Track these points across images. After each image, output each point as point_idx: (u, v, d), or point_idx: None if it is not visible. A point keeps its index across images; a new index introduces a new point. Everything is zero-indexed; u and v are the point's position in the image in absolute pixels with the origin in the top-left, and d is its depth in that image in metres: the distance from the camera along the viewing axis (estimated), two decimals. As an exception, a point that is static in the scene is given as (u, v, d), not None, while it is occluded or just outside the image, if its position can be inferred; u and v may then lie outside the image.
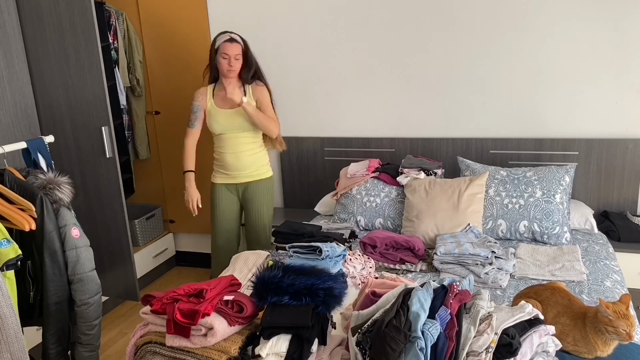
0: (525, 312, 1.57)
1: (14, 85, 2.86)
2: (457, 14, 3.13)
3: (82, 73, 2.89)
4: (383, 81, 3.36)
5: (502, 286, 2.24)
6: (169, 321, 1.64)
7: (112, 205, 3.04)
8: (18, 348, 1.77)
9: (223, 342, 1.63)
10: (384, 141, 3.41)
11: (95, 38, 2.81)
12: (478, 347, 1.44)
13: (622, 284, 2.25)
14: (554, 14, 2.97)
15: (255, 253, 2.53)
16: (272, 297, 1.63)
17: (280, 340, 1.57)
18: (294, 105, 3.60)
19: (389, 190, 3.02)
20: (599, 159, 3.02)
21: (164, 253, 4.00)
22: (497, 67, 3.13)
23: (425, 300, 1.49)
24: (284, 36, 3.50)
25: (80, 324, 2.11)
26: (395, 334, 1.40)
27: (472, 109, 3.23)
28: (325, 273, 1.71)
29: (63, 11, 2.82)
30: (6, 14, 2.81)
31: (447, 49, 3.19)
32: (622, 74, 2.94)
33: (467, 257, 2.34)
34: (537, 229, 2.68)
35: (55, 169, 2.30)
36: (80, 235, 2.10)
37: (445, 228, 2.68)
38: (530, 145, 3.12)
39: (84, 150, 3.01)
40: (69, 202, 2.11)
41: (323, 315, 1.64)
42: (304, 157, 3.60)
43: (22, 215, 1.91)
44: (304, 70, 3.52)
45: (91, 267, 2.12)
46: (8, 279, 1.84)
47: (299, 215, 3.43)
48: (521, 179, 2.80)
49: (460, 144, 3.25)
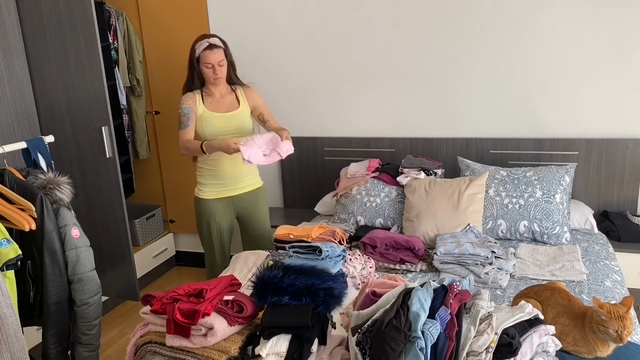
0: (525, 312, 1.57)
1: (14, 85, 2.86)
2: (457, 14, 3.13)
3: (82, 73, 2.89)
4: (383, 81, 3.36)
5: (502, 286, 2.24)
6: (169, 321, 1.64)
7: (112, 205, 3.04)
8: (18, 348, 1.77)
9: (223, 342, 1.63)
10: (384, 141, 3.41)
11: (95, 38, 2.81)
12: (478, 347, 1.44)
13: (622, 284, 2.25)
14: (554, 14, 2.97)
15: (255, 253, 2.53)
16: (272, 297, 1.62)
17: (280, 340, 1.57)
18: (294, 105, 3.60)
19: (389, 190, 3.02)
20: (599, 159, 3.02)
21: (164, 253, 4.00)
22: (497, 67, 3.13)
23: (425, 300, 1.49)
24: (284, 36, 3.50)
25: (80, 324, 2.11)
26: (395, 334, 1.40)
27: (472, 109, 3.23)
28: (326, 273, 1.71)
29: (63, 11, 2.82)
30: (6, 14, 2.81)
31: (447, 49, 3.19)
32: (622, 74, 2.94)
33: (467, 257, 2.34)
34: (537, 229, 2.68)
35: (55, 169, 2.30)
36: (80, 235, 2.10)
37: (445, 228, 2.68)
38: (530, 145, 3.12)
39: (84, 150, 3.01)
40: (69, 202, 2.11)
41: (323, 315, 1.64)
42: (304, 157, 3.60)
43: (22, 215, 1.91)
44: (304, 70, 3.52)
45: (91, 267, 2.12)
46: (8, 279, 1.84)
47: (299, 216, 3.43)
48: (521, 179, 2.80)
49: (460, 144, 3.25)
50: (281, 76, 3.58)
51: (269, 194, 3.81)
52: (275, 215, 3.60)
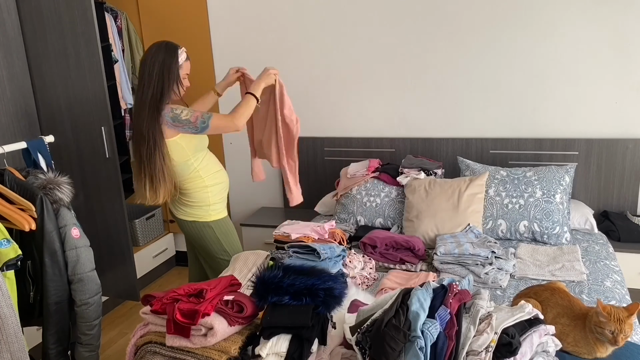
0: (525, 311, 1.57)
1: (14, 85, 2.86)
2: (457, 14, 3.13)
3: (82, 73, 2.89)
4: (383, 81, 3.37)
5: (502, 286, 2.24)
6: (169, 321, 1.64)
7: (112, 205, 3.04)
8: (18, 348, 1.77)
9: (223, 342, 1.63)
10: (384, 141, 3.41)
11: (95, 38, 2.81)
12: (478, 347, 1.44)
13: (622, 284, 2.25)
14: (554, 14, 2.97)
15: (255, 253, 2.52)
16: (272, 297, 1.62)
17: (280, 340, 1.57)
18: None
19: (389, 190, 3.02)
20: (599, 159, 3.02)
21: (164, 253, 4.00)
22: (497, 67, 3.13)
23: (424, 300, 1.49)
24: (284, 36, 3.50)
25: (80, 324, 2.11)
26: (394, 334, 1.40)
27: (472, 109, 3.23)
28: (326, 273, 1.71)
29: (63, 11, 2.82)
30: (6, 14, 2.81)
31: (448, 49, 3.19)
32: (622, 74, 2.94)
33: (467, 257, 2.34)
34: (537, 229, 2.68)
35: (55, 169, 2.30)
36: (80, 235, 2.10)
37: (445, 228, 2.68)
38: (530, 145, 3.12)
39: (84, 150, 3.01)
40: (69, 202, 2.11)
41: (323, 315, 1.64)
42: (304, 157, 3.60)
43: (22, 215, 1.91)
44: (304, 70, 3.52)
45: (91, 267, 2.12)
46: (8, 279, 1.84)
47: (299, 216, 3.42)
48: (521, 179, 2.80)
49: (460, 144, 3.25)
50: (281, 76, 3.56)
51: (268, 194, 3.82)
52: (276, 215, 3.61)
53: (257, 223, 3.50)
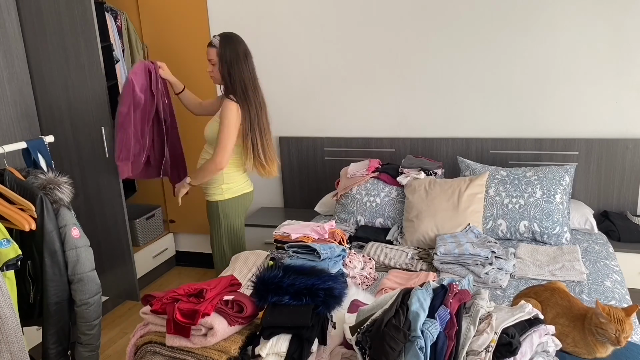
0: (525, 311, 1.57)
1: (14, 85, 2.86)
2: (457, 14, 3.13)
3: (82, 73, 2.89)
4: (383, 81, 3.37)
5: (502, 286, 2.24)
6: (169, 321, 1.64)
7: (112, 205, 3.04)
8: (18, 348, 1.76)
9: (223, 342, 1.63)
10: (384, 141, 3.41)
11: (95, 38, 2.81)
12: (478, 346, 1.44)
13: (622, 284, 2.25)
14: (554, 13, 2.97)
15: (255, 253, 2.53)
16: (272, 297, 1.63)
17: (280, 340, 1.57)
18: (294, 105, 3.60)
19: (389, 190, 3.02)
20: (599, 159, 3.02)
21: (164, 253, 4.00)
22: (497, 67, 3.13)
23: (424, 300, 1.49)
24: (284, 36, 3.50)
25: (80, 324, 2.11)
26: (394, 333, 1.40)
27: (472, 109, 3.23)
28: (326, 273, 1.71)
29: (63, 11, 2.83)
30: (6, 13, 2.81)
31: (447, 49, 3.19)
32: (622, 74, 2.94)
33: (467, 257, 2.34)
34: (537, 229, 2.68)
35: (55, 169, 2.30)
36: (80, 235, 2.10)
37: (445, 228, 2.68)
38: (530, 145, 3.12)
39: (84, 150, 3.01)
40: (69, 202, 2.11)
41: (323, 315, 1.64)
42: (304, 157, 3.60)
43: (22, 215, 1.91)
44: (304, 70, 3.52)
45: (91, 267, 2.12)
46: (8, 279, 1.84)
47: (299, 216, 3.42)
48: (521, 179, 2.80)
49: (460, 144, 3.25)
50: (281, 76, 3.58)
51: (269, 194, 3.82)
52: (275, 215, 3.61)
53: (257, 223, 3.50)
